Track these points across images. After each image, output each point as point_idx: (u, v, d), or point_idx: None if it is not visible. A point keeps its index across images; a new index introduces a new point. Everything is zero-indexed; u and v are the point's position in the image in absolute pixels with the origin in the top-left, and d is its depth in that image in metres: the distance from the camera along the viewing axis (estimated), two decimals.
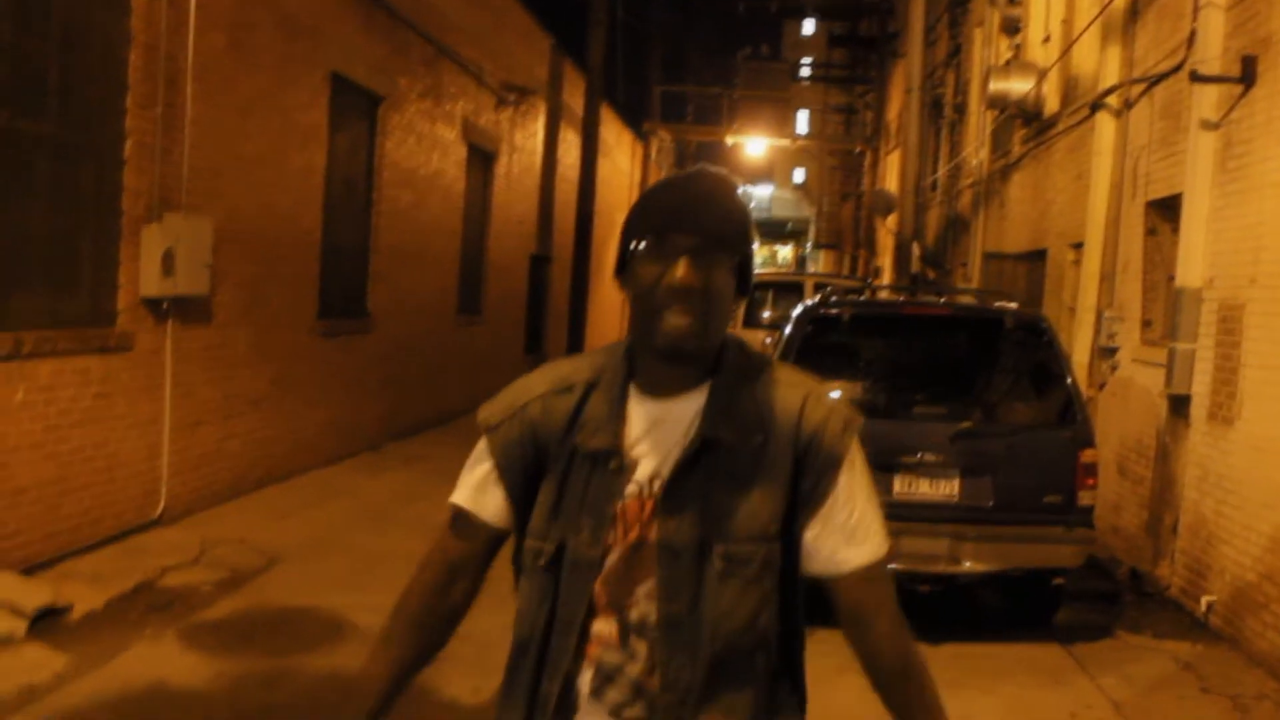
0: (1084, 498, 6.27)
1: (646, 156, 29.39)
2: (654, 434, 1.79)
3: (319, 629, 5.83)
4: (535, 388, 1.88)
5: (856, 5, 29.57)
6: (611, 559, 1.79)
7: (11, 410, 5.91)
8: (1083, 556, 6.34)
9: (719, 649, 1.75)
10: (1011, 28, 13.88)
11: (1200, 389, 7.37)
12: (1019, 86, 12.01)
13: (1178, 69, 8.08)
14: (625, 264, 1.80)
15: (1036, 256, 12.10)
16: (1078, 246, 10.42)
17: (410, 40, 11.55)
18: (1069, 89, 11.48)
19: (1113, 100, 9.45)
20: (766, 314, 14.92)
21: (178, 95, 7.19)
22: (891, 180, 22.27)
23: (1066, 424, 6.38)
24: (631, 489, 1.78)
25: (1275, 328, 6.44)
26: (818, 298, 7.53)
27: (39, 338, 6.06)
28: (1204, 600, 6.98)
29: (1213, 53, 7.30)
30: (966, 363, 6.92)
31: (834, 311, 6.85)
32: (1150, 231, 8.71)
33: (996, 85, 12.19)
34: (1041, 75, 11.82)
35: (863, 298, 10.56)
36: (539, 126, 17.82)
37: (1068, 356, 6.79)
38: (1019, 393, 6.76)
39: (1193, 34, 7.66)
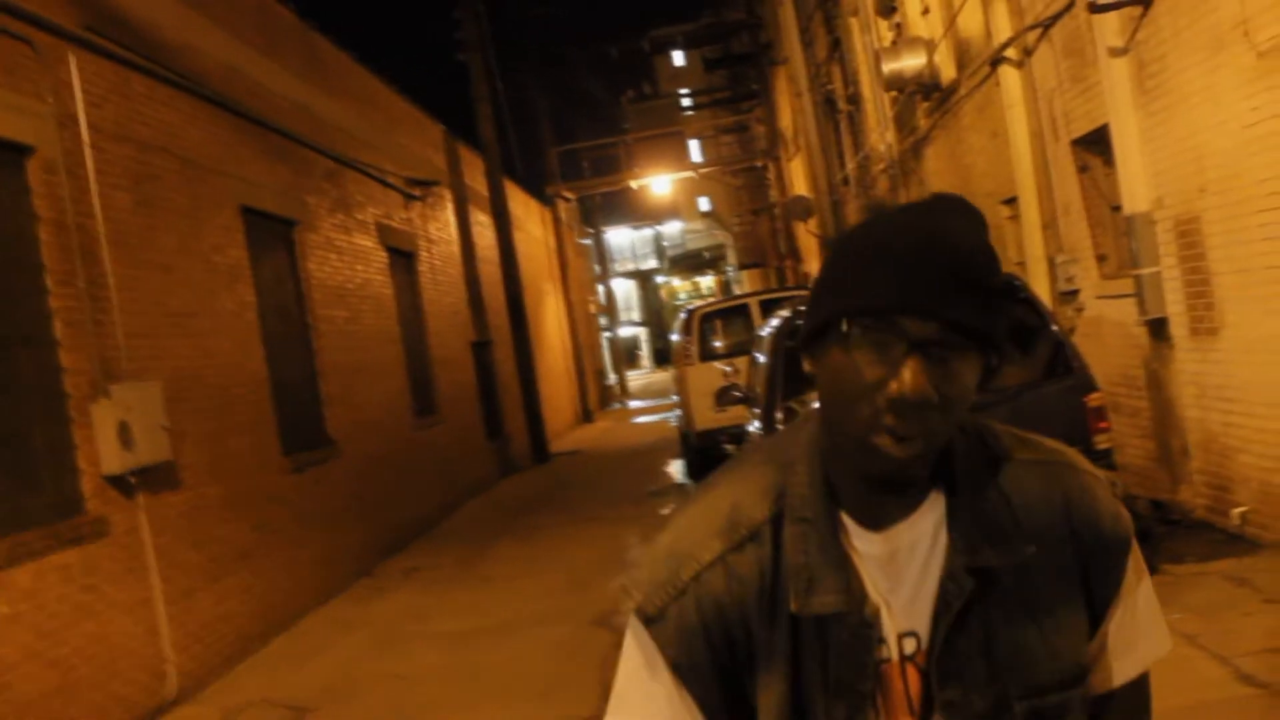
0: (1100, 441, 6.18)
1: (556, 219, 29.37)
2: (888, 573, 1.28)
3: None
4: (701, 546, 1.30)
5: (722, 26, 29.89)
6: None
7: None
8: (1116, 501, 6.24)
9: None
10: (887, 9, 14.02)
11: (1176, 308, 7.35)
12: (912, 63, 12.09)
13: (1071, 6, 8.14)
14: (818, 336, 1.26)
15: None
16: (1010, 202, 10.46)
17: (310, 158, 11.38)
18: (962, 53, 11.57)
19: (1012, 52, 9.51)
20: (719, 343, 14.81)
21: (95, 264, 6.95)
22: (800, 185, 22.40)
23: (1065, 374, 6.31)
24: (888, 652, 1.28)
25: (1237, 230, 6.44)
26: (786, 313, 7.43)
27: (11, 544, 5.76)
28: (1235, 513, 6.92)
29: None
30: None
31: None
32: (1083, 169, 8.73)
33: (889, 66, 12.27)
34: (932, 47, 11.90)
35: None
36: (449, 215, 17.70)
37: (1049, 308, 6.73)
38: (1008, 355, 6.68)
39: None
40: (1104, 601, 1.33)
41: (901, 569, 1.28)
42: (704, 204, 54.50)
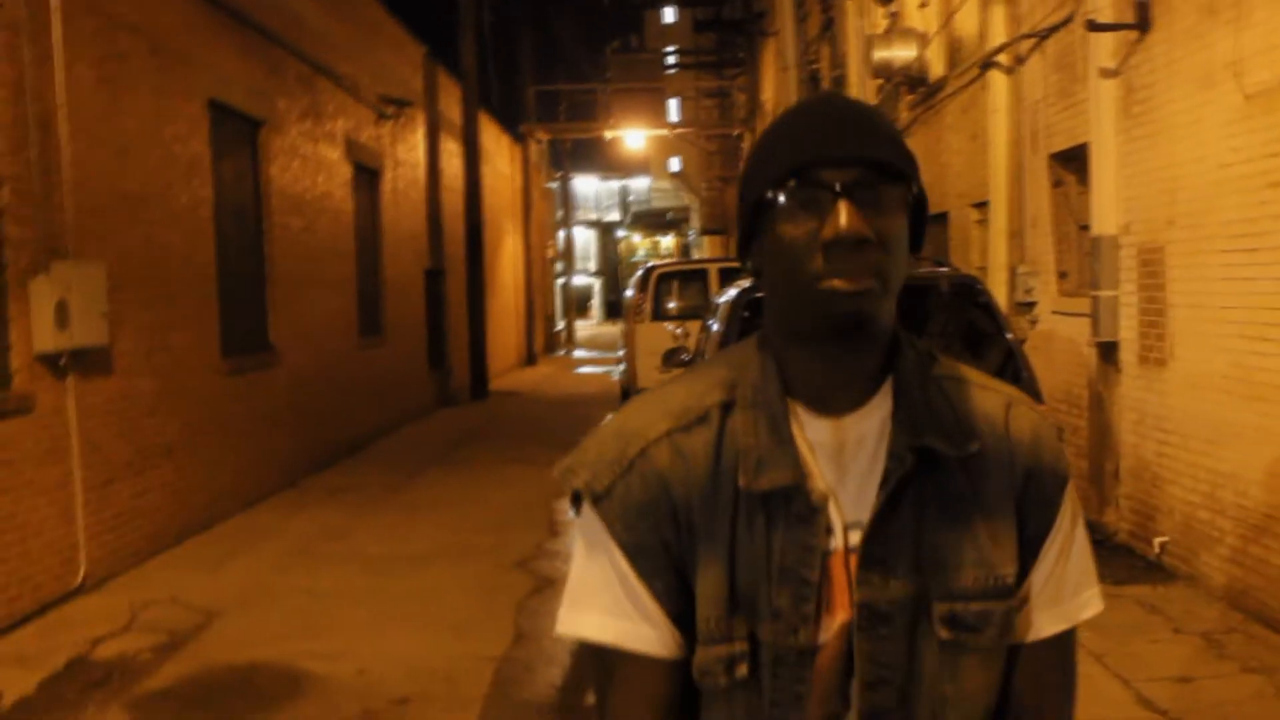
0: None
1: (526, 159, 29.10)
2: (836, 463, 1.27)
3: (274, 684, 5.50)
4: (649, 424, 1.29)
5: None
6: (825, 648, 1.26)
7: None
8: None
9: None
10: None
11: (1128, 334, 7.43)
12: (902, 54, 12.05)
13: (1069, 20, 8.13)
14: (751, 235, 1.30)
15: (937, 220, 12.17)
16: (980, 206, 10.49)
17: (285, 60, 11.14)
18: (954, 51, 11.56)
19: (1003, 58, 9.50)
20: (673, 304, 14.77)
21: (51, 137, 6.76)
22: None
23: (1012, 383, 6.34)
24: (835, 543, 1.26)
25: (1199, 266, 6.50)
26: (745, 283, 7.39)
27: None
28: (1156, 542, 7.04)
29: (1105, 1, 7.33)
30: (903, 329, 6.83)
31: None
32: (1056, 183, 8.77)
33: (880, 54, 12.21)
34: (925, 41, 11.87)
35: None
36: (419, 139, 17.46)
37: (1006, 316, 6.76)
38: (958, 356, 6.67)
39: None
40: (1036, 537, 1.31)
41: (850, 460, 1.27)
42: (675, 164, 54.26)
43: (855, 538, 1.26)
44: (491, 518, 9.27)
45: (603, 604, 1.27)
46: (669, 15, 48.37)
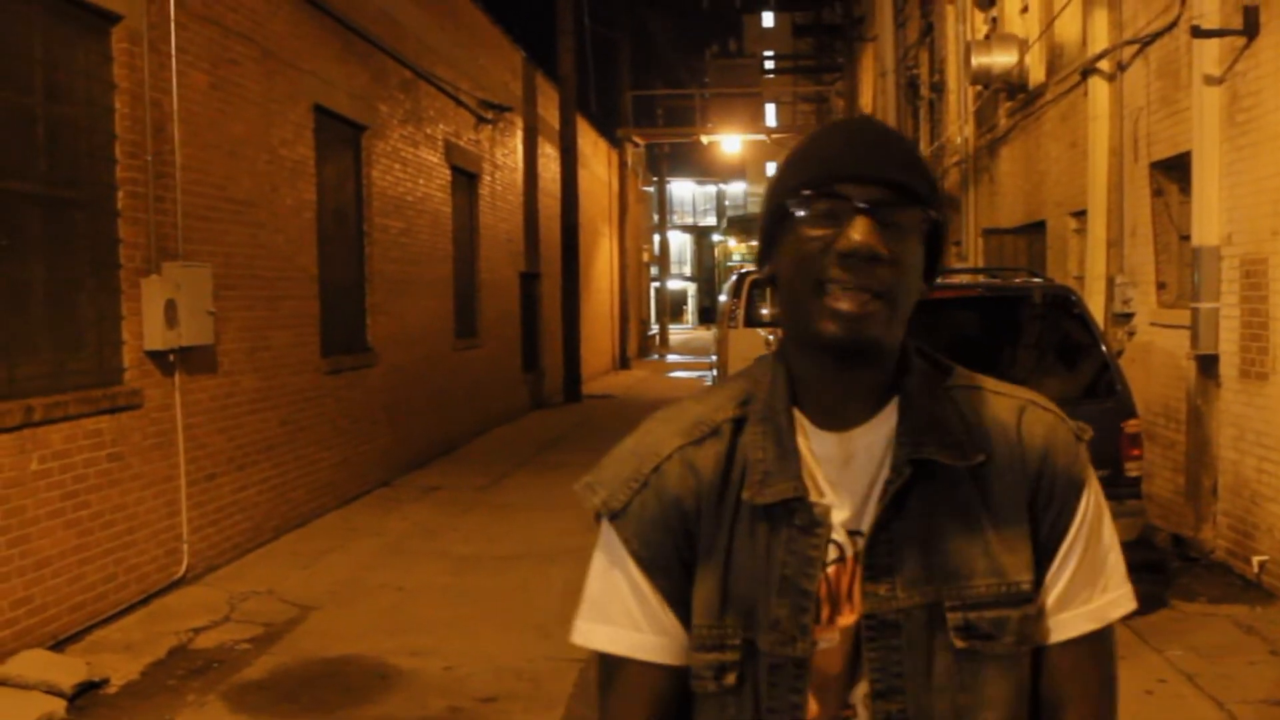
0: (1131, 469, 6.14)
1: (623, 163, 29.27)
2: (841, 477, 1.30)
3: (363, 678, 5.65)
4: (662, 442, 1.34)
5: None
6: (823, 656, 1.29)
7: (27, 480, 5.72)
8: (1137, 529, 6.21)
9: None
10: (986, 1, 13.79)
11: (1229, 347, 7.26)
12: (1002, 60, 11.91)
13: (1172, 26, 7.98)
14: (772, 240, 1.32)
15: (1034, 229, 12.00)
16: (1079, 215, 10.32)
17: (387, 66, 11.40)
18: (1054, 57, 11.38)
19: (1104, 64, 9.35)
20: (765, 311, 14.74)
21: (165, 141, 7.02)
22: None
23: (1106, 395, 6.26)
24: (832, 553, 1.29)
25: None
26: None
27: (49, 404, 5.87)
28: (1255, 560, 6.87)
29: (1211, 6, 7.19)
30: (997, 342, 6.78)
31: None
32: (1157, 193, 8.60)
33: (979, 60, 12.08)
34: (1025, 47, 11.71)
35: None
36: (517, 143, 17.68)
37: (1100, 328, 6.67)
38: (1053, 368, 6.63)
39: None
40: (1051, 540, 1.31)
41: (856, 472, 1.30)
42: (771, 169, 54.09)
43: (859, 545, 1.28)
44: (580, 520, 9.33)
45: (615, 617, 1.33)
46: (768, 19, 48.27)
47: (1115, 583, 1.34)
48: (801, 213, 1.27)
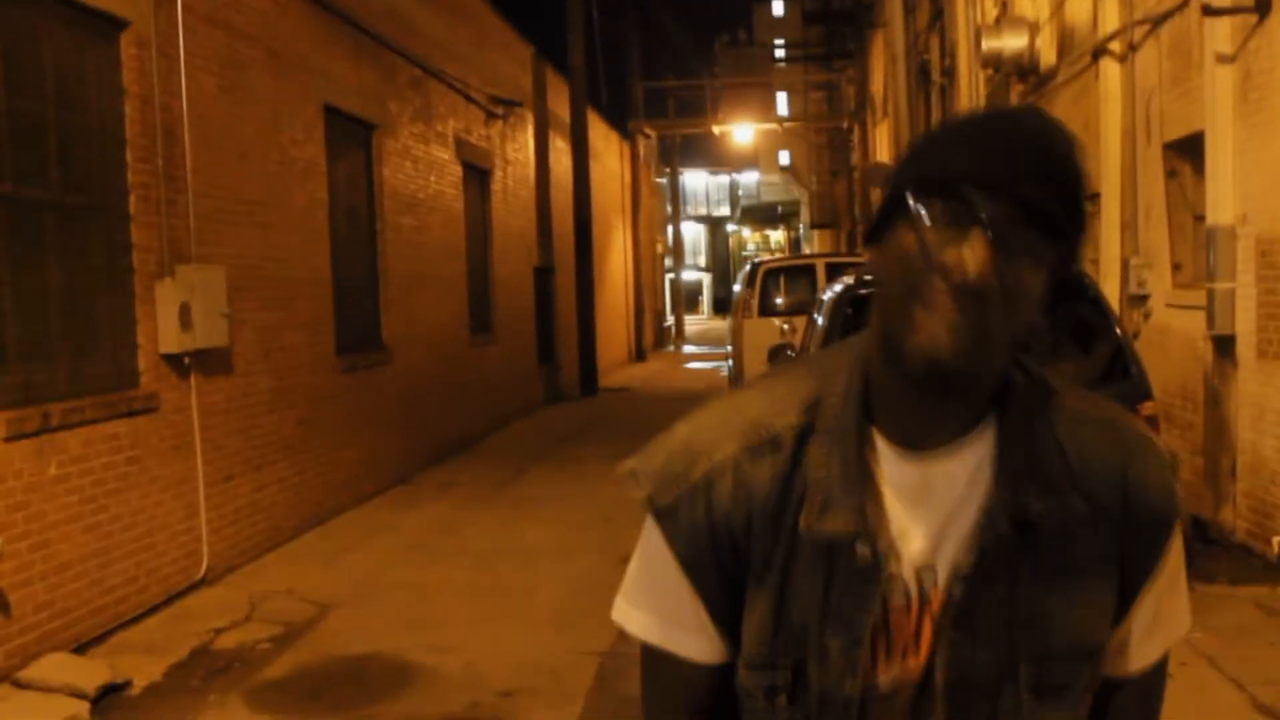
0: None
1: (635, 156, 29.24)
2: (916, 506, 1.19)
3: (385, 676, 5.67)
4: (716, 444, 1.24)
5: None
6: (881, 698, 1.22)
7: (46, 485, 5.76)
8: None
9: None
10: None
11: (1245, 327, 7.21)
12: (1013, 43, 11.83)
13: (1184, 5, 7.92)
14: (886, 222, 1.15)
15: None
16: (1093, 197, 10.26)
17: (396, 64, 11.41)
18: (1065, 39, 11.32)
19: (1116, 45, 9.29)
20: (780, 300, 14.73)
21: (175, 145, 7.04)
22: (883, 152, 22.09)
23: (1121, 378, 6.22)
24: (897, 596, 1.20)
25: None
26: (852, 278, 7.36)
27: (66, 409, 5.91)
28: (1275, 541, 6.83)
29: None
30: None
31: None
32: (1171, 173, 8.55)
33: (989, 44, 12.00)
34: (1035, 29, 11.65)
35: None
36: (528, 138, 17.69)
37: (1114, 310, 6.63)
38: (1067, 353, 6.59)
39: None
40: (1136, 583, 1.23)
41: (934, 500, 1.18)
42: (784, 158, 53.98)
43: (928, 581, 1.19)
44: (598, 514, 9.37)
45: (653, 605, 1.29)
46: (778, 8, 48.15)
47: (1178, 610, 1.30)
48: (918, 208, 1.10)
